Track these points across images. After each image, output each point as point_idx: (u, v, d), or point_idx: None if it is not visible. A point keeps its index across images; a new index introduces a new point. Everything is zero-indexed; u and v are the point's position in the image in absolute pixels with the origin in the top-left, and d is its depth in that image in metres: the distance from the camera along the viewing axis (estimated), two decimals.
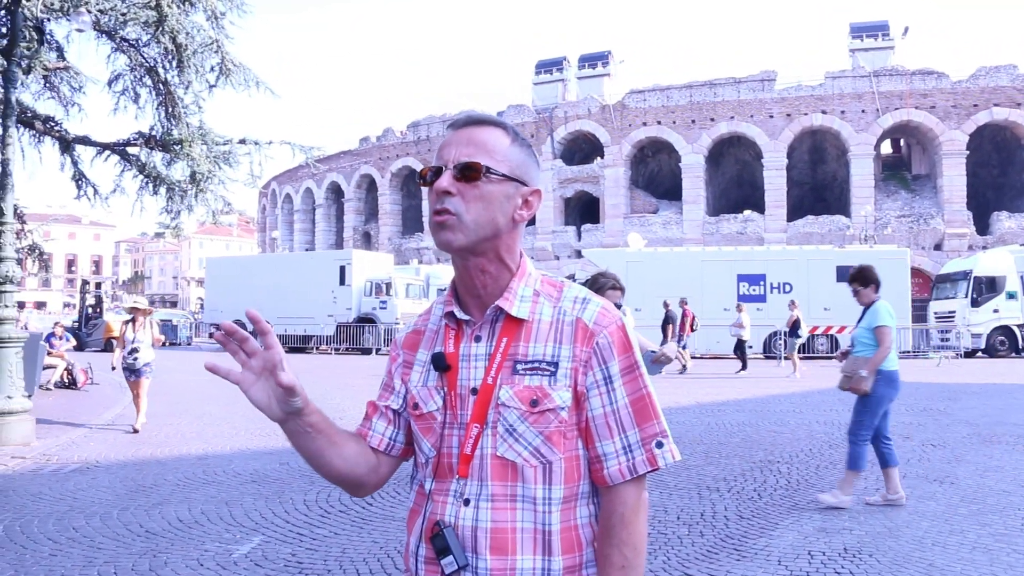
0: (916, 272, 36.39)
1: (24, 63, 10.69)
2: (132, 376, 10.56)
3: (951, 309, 28.03)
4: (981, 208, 43.26)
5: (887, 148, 53.25)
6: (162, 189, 13.40)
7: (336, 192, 63.11)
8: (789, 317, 20.50)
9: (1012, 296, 26.98)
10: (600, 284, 4.92)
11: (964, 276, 28.09)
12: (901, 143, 53.38)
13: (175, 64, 12.56)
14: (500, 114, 48.57)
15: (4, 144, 9.82)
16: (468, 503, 1.36)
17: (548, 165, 48.73)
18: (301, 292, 31.24)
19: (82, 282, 38.03)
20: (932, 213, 42.34)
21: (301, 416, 1.34)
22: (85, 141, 13.22)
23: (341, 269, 31.42)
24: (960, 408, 12.42)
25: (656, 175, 51.40)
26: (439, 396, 1.43)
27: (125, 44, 12.66)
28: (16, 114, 10.33)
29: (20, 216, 15.21)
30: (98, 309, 35.02)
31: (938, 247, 41.78)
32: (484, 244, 1.39)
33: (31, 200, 76.88)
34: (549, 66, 54.85)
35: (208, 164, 13.02)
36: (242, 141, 13.43)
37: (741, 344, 21.15)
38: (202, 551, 5.19)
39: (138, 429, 10.37)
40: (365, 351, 30.24)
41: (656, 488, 6.88)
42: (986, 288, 27.36)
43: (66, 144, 13.26)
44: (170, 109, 13.01)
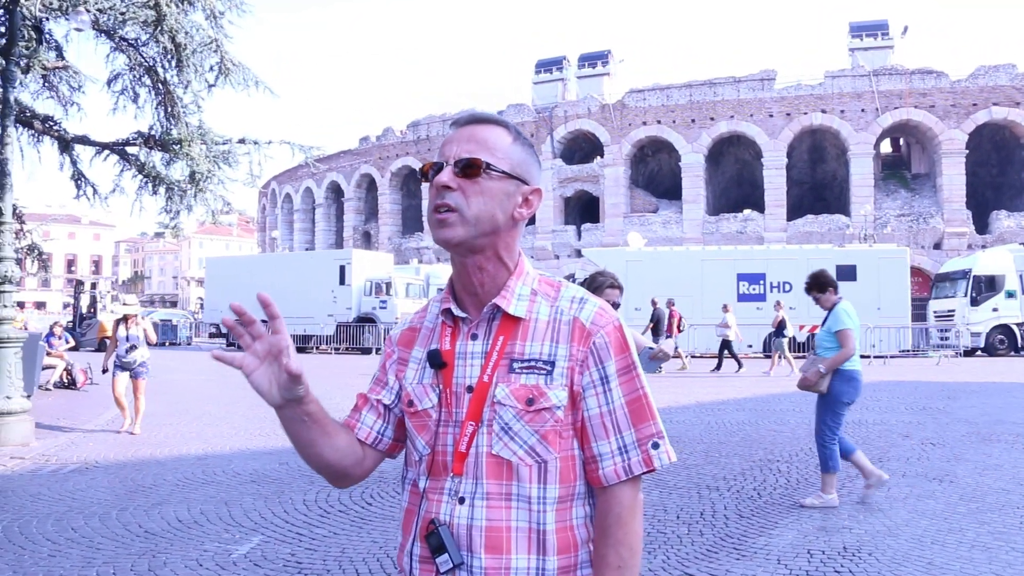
0: (915, 271, 36.41)
1: (23, 62, 10.69)
2: (124, 375, 10.21)
3: (950, 308, 28.04)
4: (980, 207, 43.29)
5: (886, 147, 53.26)
6: (161, 189, 13.37)
7: (336, 192, 63.10)
8: (775, 318, 20.51)
9: (1011, 295, 26.98)
10: (598, 283, 4.90)
11: (963, 275, 28.10)
12: (900, 142, 53.39)
13: (174, 63, 12.53)
14: (500, 113, 48.31)
15: (3, 144, 9.81)
16: (463, 501, 1.35)
17: (548, 164, 48.71)
18: (301, 292, 31.21)
19: (76, 282, 38.17)
20: (931, 212, 42.36)
21: (300, 404, 1.34)
22: (84, 141, 13.19)
23: (341, 269, 31.45)
24: (959, 407, 12.42)
25: (656, 174, 51.41)
26: (434, 393, 1.42)
27: (124, 43, 12.64)
28: (15, 113, 10.34)
29: (19, 216, 15.20)
30: (92, 309, 35.07)
31: (937, 246, 41.79)
32: (483, 240, 1.39)
33: (30, 200, 76.80)
34: (549, 65, 54.81)
35: (207, 164, 13.00)
36: (241, 141, 13.41)
37: (728, 344, 21.13)
38: (201, 551, 5.19)
39: (135, 432, 10.08)
40: (365, 351, 30.23)
41: (656, 487, 6.88)
42: (985, 287, 27.38)
43: (65, 144, 13.24)
44: (169, 109, 12.99)
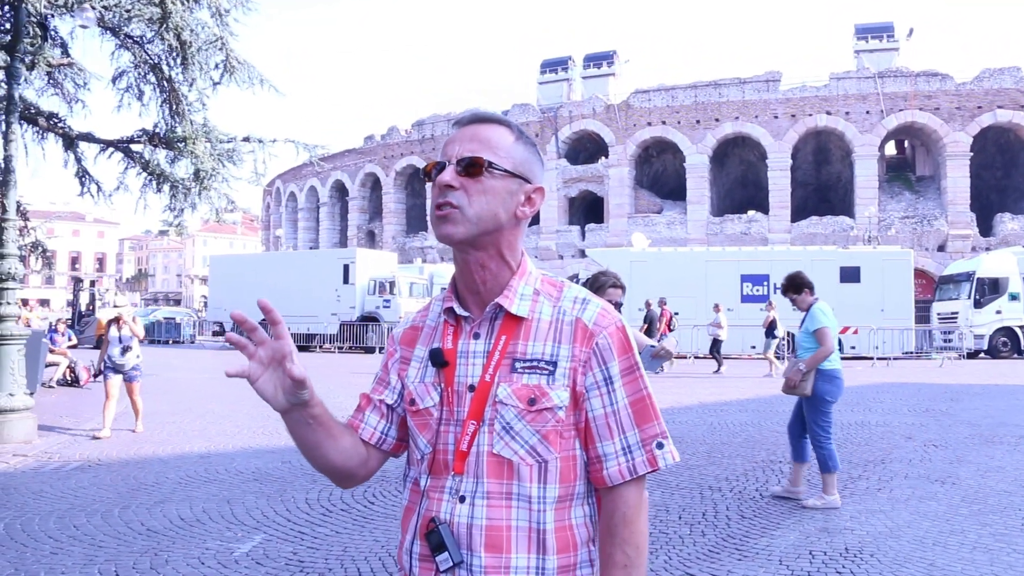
0: (919, 273, 36.36)
1: (28, 59, 10.69)
2: (117, 377, 9.97)
3: (954, 310, 28.01)
4: (984, 210, 43.20)
5: (891, 149, 53.21)
6: (166, 187, 13.38)
7: (340, 190, 63.13)
8: (766, 318, 20.40)
9: (1015, 297, 26.95)
10: (600, 283, 4.90)
11: (967, 277, 28.08)
12: (905, 144, 53.32)
13: (179, 61, 12.54)
14: (505, 113, 48.24)
15: (7, 140, 9.84)
16: (464, 500, 1.36)
17: (552, 164, 48.70)
18: (305, 290, 31.23)
19: (75, 280, 38.43)
20: (936, 214, 42.27)
21: (306, 408, 1.34)
22: (89, 138, 13.21)
23: (345, 268, 31.44)
24: (962, 409, 12.40)
25: (660, 175, 51.38)
26: (436, 392, 1.43)
27: (129, 41, 12.64)
28: (19, 110, 10.34)
29: (23, 213, 15.24)
30: (91, 306, 35.25)
31: (941, 248, 41.72)
32: (485, 238, 1.39)
33: (34, 197, 76.76)
34: (554, 65, 54.82)
35: (212, 162, 13.00)
36: (246, 139, 13.42)
37: (717, 344, 21.08)
38: (203, 549, 5.19)
39: (137, 430, 9.97)
40: (368, 350, 30.25)
41: (658, 488, 6.88)
42: (989, 289, 27.35)
43: (70, 141, 13.26)
44: (174, 106, 12.99)
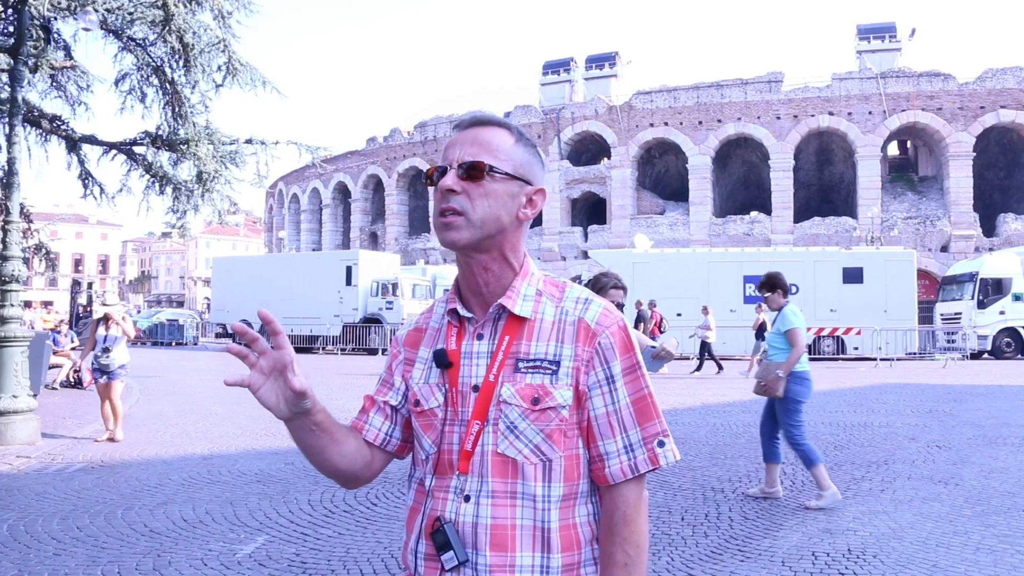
0: (922, 274, 36.33)
1: (31, 62, 10.73)
2: (103, 378, 9.63)
3: (957, 311, 27.98)
4: (988, 210, 43.16)
5: (894, 150, 53.18)
6: (168, 189, 13.39)
7: (343, 192, 63.17)
8: (756, 320, 20.27)
9: (1018, 298, 26.91)
10: (602, 284, 4.92)
11: (970, 278, 28.04)
12: (908, 145, 53.27)
13: (182, 63, 12.56)
14: (507, 115, 48.58)
15: (11, 143, 9.86)
16: (468, 499, 1.36)
17: (555, 166, 48.73)
18: (307, 292, 31.27)
19: (73, 282, 38.64)
20: (939, 215, 42.23)
21: (308, 415, 1.35)
22: (92, 140, 13.22)
23: (347, 269, 31.46)
24: (966, 410, 12.38)
25: (663, 176, 51.37)
26: (440, 393, 1.43)
27: (132, 43, 12.66)
28: (23, 113, 10.36)
29: (27, 215, 15.25)
30: (89, 308, 35.34)
31: (944, 249, 41.68)
32: (488, 241, 1.40)
33: (38, 199, 77.03)
34: (556, 67, 54.90)
35: (214, 164, 13.02)
36: (248, 141, 13.42)
37: (706, 346, 20.89)
38: (206, 551, 5.20)
39: (116, 439, 9.52)
40: (371, 351, 30.27)
41: (661, 489, 6.88)
42: (992, 290, 27.32)
43: (73, 143, 13.28)
44: (176, 108, 13.01)
